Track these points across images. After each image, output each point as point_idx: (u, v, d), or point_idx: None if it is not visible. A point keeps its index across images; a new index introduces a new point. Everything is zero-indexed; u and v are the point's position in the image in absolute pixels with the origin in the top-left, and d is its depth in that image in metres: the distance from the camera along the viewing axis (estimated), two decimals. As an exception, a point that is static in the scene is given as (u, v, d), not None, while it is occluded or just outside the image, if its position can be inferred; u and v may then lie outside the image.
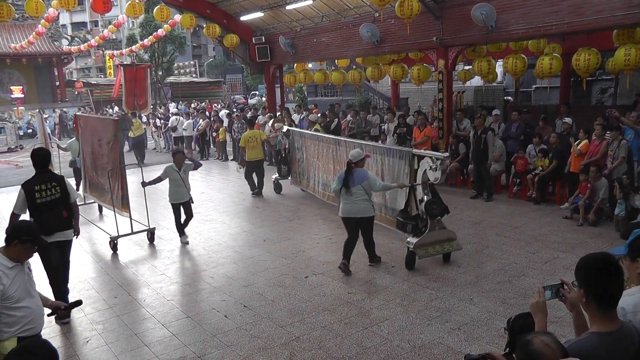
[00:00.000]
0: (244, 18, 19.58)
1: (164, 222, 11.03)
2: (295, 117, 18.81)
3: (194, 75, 58.90)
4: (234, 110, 25.21)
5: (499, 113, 14.77)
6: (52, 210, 6.56)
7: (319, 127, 15.29)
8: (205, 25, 19.14)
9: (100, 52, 50.64)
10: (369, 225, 8.14)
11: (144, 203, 10.11)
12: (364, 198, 7.90)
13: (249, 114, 20.76)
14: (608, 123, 10.86)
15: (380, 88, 28.52)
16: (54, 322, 6.57)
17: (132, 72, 26.47)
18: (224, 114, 22.85)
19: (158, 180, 9.93)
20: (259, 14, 18.88)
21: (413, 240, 8.08)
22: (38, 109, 15.28)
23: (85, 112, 35.30)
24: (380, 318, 6.46)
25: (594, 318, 2.69)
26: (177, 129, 21.32)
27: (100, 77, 56.73)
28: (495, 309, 6.57)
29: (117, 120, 10.73)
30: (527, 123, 13.22)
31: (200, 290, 7.69)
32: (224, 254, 9.19)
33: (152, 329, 6.50)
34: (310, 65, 22.96)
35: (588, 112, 17.06)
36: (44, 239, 4.44)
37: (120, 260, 9.20)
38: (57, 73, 41.10)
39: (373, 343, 5.85)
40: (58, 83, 41.38)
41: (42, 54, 37.49)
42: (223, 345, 5.97)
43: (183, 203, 9.92)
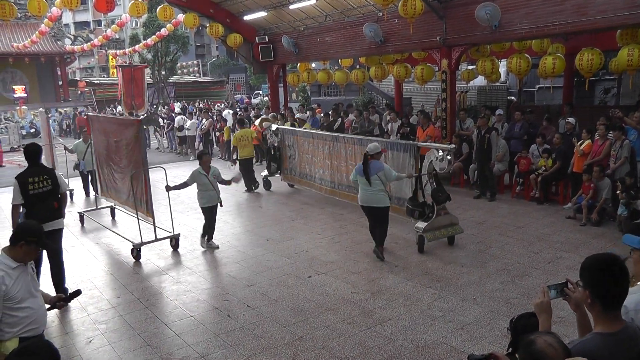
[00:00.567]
0: (247, 17, 19.58)
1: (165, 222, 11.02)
2: (298, 116, 18.79)
3: (197, 75, 58.98)
4: (238, 110, 25.27)
5: (502, 113, 14.75)
6: (43, 202, 6.96)
7: (309, 125, 16.14)
8: (209, 25, 19.17)
9: (103, 51, 50.78)
10: (384, 215, 8.59)
11: (165, 206, 9.80)
12: (380, 189, 8.38)
13: (252, 114, 20.86)
14: (611, 123, 10.85)
15: (384, 88, 28.53)
16: (57, 321, 6.59)
17: (129, 72, 26.95)
18: (228, 114, 22.87)
19: (184, 186, 9.36)
20: (263, 14, 18.89)
21: (422, 225, 8.76)
22: (45, 109, 15.06)
23: (87, 111, 35.43)
24: (384, 318, 6.46)
25: (598, 319, 2.69)
26: (183, 129, 21.42)
27: (103, 76, 56.81)
28: (499, 309, 6.56)
29: (139, 121, 9.96)
30: (530, 123, 13.20)
31: (203, 290, 7.70)
32: (227, 254, 9.19)
33: (155, 329, 6.51)
34: (314, 65, 22.99)
35: (591, 112, 17.02)
36: (48, 242, 4.45)
37: (123, 260, 9.21)
38: (59, 72, 41.14)
39: (376, 343, 5.85)
40: (61, 82, 41.43)
41: (44, 54, 37.53)
42: (226, 345, 5.98)
43: (214, 207, 9.48)
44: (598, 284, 2.65)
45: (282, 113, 19.48)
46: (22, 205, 6.96)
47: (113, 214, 11.99)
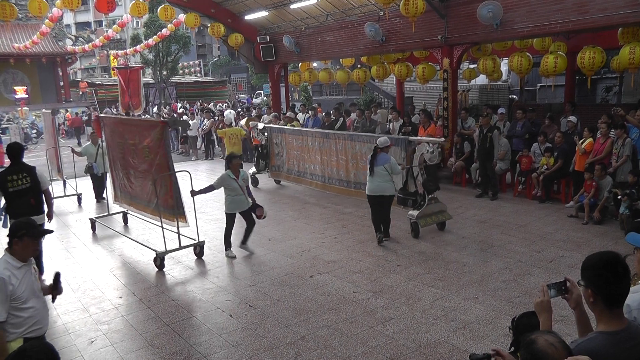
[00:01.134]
0: (249, 17, 19.60)
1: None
2: (301, 116, 18.81)
3: (199, 75, 58.97)
4: (239, 110, 25.33)
5: (505, 112, 14.74)
6: (21, 198, 7.43)
7: (297, 123, 16.61)
8: (210, 25, 19.17)
9: (105, 52, 50.86)
10: (388, 203, 9.31)
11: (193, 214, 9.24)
12: (387, 179, 9.07)
13: (254, 113, 20.91)
14: (613, 121, 10.84)
15: (385, 87, 28.46)
16: (59, 321, 6.59)
17: (125, 74, 27.52)
18: (229, 114, 22.88)
19: (209, 189, 8.96)
20: (264, 13, 18.90)
21: (414, 213, 9.57)
22: (52, 110, 14.86)
23: (88, 112, 35.47)
24: (386, 317, 6.46)
25: (601, 318, 2.68)
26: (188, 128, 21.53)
27: (105, 77, 56.83)
28: (501, 308, 6.55)
29: (165, 122, 9.26)
30: (532, 122, 13.19)
31: (206, 290, 7.70)
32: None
33: (157, 329, 6.51)
34: (315, 64, 22.97)
35: (593, 110, 17.00)
36: (40, 228, 4.45)
37: (124, 261, 9.21)
38: (61, 73, 41.16)
39: (378, 342, 5.85)
40: (62, 83, 41.45)
41: (46, 54, 37.54)
42: (228, 345, 5.98)
43: (242, 212, 9.08)
44: (600, 283, 2.65)
45: (284, 112, 19.47)
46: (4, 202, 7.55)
47: (126, 220, 11.48)
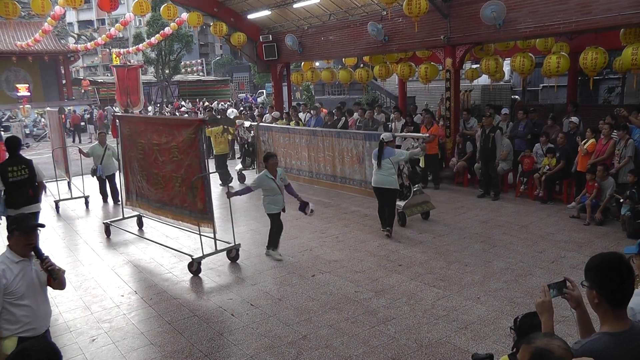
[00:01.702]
0: (251, 16, 19.59)
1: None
2: (302, 115, 18.79)
3: (201, 74, 59.07)
4: (242, 109, 25.35)
5: (508, 112, 14.74)
6: (21, 188, 7.95)
7: (283, 122, 17.45)
8: (213, 24, 19.16)
9: (107, 50, 50.88)
10: (392, 197, 9.67)
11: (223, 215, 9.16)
12: (391, 172, 9.48)
13: (256, 112, 20.95)
14: (616, 122, 10.83)
15: (388, 87, 28.52)
16: (60, 319, 6.60)
17: (123, 72, 27.83)
18: (232, 113, 22.90)
19: (247, 191, 8.86)
20: (266, 12, 18.89)
21: (402, 203, 10.27)
22: (59, 108, 14.56)
23: (91, 110, 35.48)
24: (387, 317, 6.46)
25: (605, 318, 2.68)
26: None
27: (107, 75, 56.86)
28: (502, 308, 6.55)
29: (201, 121, 8.55)
30: (534, 122, 13.18)
31: (207, 289, 7.70)
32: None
33: (158, 328, 6.52)
34: (318, 64, 22.94)
35: (595, 111, 17.00)
36: (31, 222, 4.43)
37: (126, 259, 9.22)
38: (63, 71, 41.20)
39: (380, 342, 5.85)
40: (64, 81, 41.48)
41: (48, 52, 37.56)
42: (230, 344, 5.98)
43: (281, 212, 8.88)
44: (604, 284, 2.65)
45: (286, 112, 19.48)
46: (3, 191, 7.99)
47: (140, 224, 10.99)
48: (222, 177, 14.76)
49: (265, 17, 19.49)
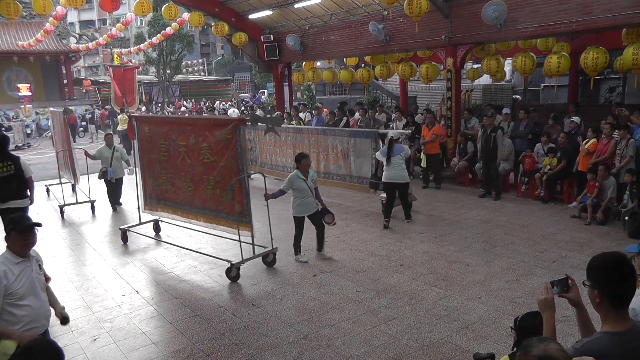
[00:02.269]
0: (253, 16, 19.60)
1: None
2: (302, 115, 18.81)
3: (202, 74, 59.05)
4: (243, 108, 25.40)
5: (509, 112, 14.74)
6: (7, 184, 8.25)
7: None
8: (214, 24, 19.18)
9: (108, 50, 50.82)
10: (405, 189, 10.38)
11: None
12: (402, 167, 10.17)
13: (257, 112, 20.97)
14: (618, 122, 10.82)
15: (389, 86, 28.53)
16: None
17: (120, 72, 28.46)
18: (233, 112, 22.93)
19: (281, 193, 8.60)
20: (268, 12, 18.91)
21: (385, 195, 10.55)
22: (64, 108, 14.19)
23: (92, 109, 35.49)
24: (389, 317, 6.46)
25: (607, 318, 2.68)
26: None
27: (108, 75, 56.83)
28: (504, 308, 6.55)
29: (240, 120, 7.96)
30: (535, 122, 13.18)
31: (209, 289, 7.71)
32: (232, 252, 9.16)
33: (160, 327, 6.53)
34: (319, 64, 22.94)
35: (596, 111, 16.99)
36: (27, 222, 4.44)
37: (126, 258, 9.23)
38: (64, 71, 41.15)
39: (381, 342, 5.85)
40: (66, 81, 41.47)
41: (49, 52, 37.52)
42: (231, 344, 5.98)
43: (310, 216, 8.72)
44: (606, 283, 2.65)
45: (288, 112, 19.49)
46: None
47: (157, 229, 10.60)
48: None
49: (267, 17, 19.51)
